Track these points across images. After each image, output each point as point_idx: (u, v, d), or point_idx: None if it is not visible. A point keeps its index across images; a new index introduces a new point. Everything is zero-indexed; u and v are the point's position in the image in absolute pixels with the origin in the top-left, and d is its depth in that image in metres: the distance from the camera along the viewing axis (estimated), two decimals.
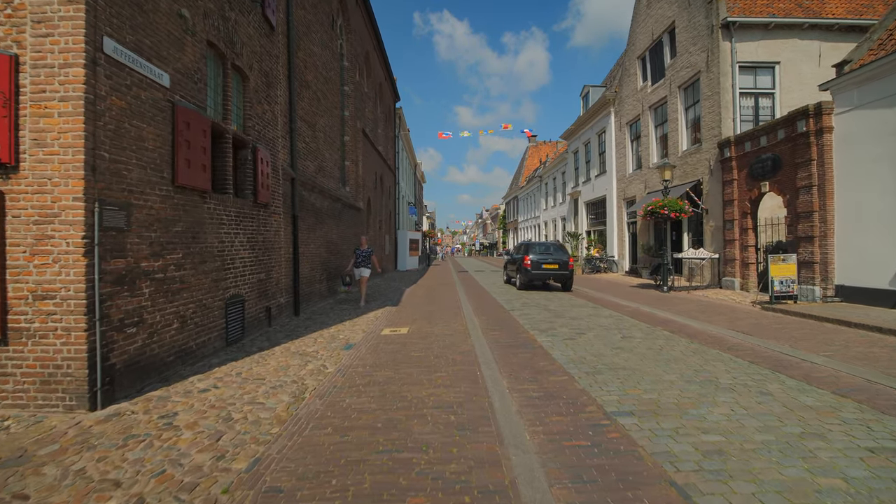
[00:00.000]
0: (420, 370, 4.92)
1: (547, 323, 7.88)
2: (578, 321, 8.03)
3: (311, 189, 9.68)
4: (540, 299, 11.37)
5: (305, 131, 9.55)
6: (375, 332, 7.13)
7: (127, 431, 3.29)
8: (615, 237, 20.84)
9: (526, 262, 13.41)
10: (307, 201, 9.44)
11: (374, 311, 9.31)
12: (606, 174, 21.67)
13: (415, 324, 7.83)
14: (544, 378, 4.65)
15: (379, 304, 10.50)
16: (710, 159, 13.26)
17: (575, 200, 26.92)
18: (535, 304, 10.35)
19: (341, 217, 12.36)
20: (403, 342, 6.35)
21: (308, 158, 9.70)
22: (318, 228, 10.23)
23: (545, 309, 9.63)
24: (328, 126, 11.46)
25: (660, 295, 11.96)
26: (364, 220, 15.67)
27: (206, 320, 5.39)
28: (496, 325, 7.69)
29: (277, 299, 7.68)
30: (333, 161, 12.03)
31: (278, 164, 7.78)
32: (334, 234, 11.57)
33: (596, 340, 6.43)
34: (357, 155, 14.51)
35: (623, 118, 19.75)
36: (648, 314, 8.82)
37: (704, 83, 13.55)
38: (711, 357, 5.48)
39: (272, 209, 7.46)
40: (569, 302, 10.81)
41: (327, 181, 11.33)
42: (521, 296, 12.24)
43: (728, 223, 12.27)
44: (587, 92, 24.52)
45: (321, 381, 4.58)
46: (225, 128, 5.94)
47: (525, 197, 45.35)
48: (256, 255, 6.83)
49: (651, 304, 10.31)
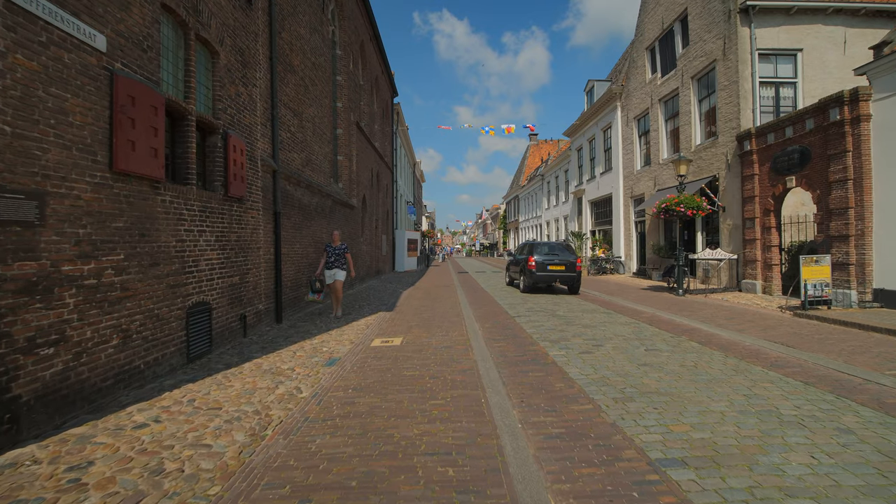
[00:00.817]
0: (412, 396, 4.07)
1: (557, 332, 7.03)
2: (592, 330, 7.19)
3: (297, 184, 8.83)
4: (546, 304, 10.52)
5: (290, 120, 8.71)
6: (365, 343, 6.29)
7: (11, 496, 2.44)
8: (622, 237, 19.99)
9: (530, 263, 12.57)
10: (292, 197, 8.60)
11: (365, 318, 8.47)
12: (612, 171, 20.82)
13: (410, 333, 6.98)
14: (564, 407, 3.80)
15: (372, 308, 9.66)
16: (728, 153, 12.42)
17: (579, 199, 26.08)
18: (542, 310, 9.51)
19: (333, 215, 11.52)
20: (395, 356, 5.50)
21: (294, 150, 8.86)
22: (306, 227, 9.39)
23: (553, 315, 8.79)
24: (317, 117, 10.62)
25: (675, 299, 11.11)
26: (359, 218, 14.83)
27: (159, 334, 4.54)
28: (501, 335, 6.85)
29: (255, 306, 6.84)
30: (324, 155, 11.19)
31: (256, 154, 6.94)
32: (324, 232, 10.73)
33: (617, 354, 5.59)
34: (351, 149, 13.67)
35: (630, 112, 18.91)
36: (669, 321, 7.97)
37: (721, 72, 12.71)
38: (757, 377, 4.63)
39: (248, 204, 6.61)
40: (578, 307, 9.96)
41: (316, 176, 10.49)
42: (526, 299, 11.39)
43: (748, 221, 11.42)
44: (591, 87, 23.68)
45: (290, 412, 3.73)
46: (186, 108, 5.10)
47: (526, 196, 44.51)
48: (228, 256, 5.98)
49: (668, 309, 9.47)
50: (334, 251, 8.33)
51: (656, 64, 16.85)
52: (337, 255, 8.32)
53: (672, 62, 15.70)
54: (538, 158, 48.94)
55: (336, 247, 8.38)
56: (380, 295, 12.41)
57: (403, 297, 12.09)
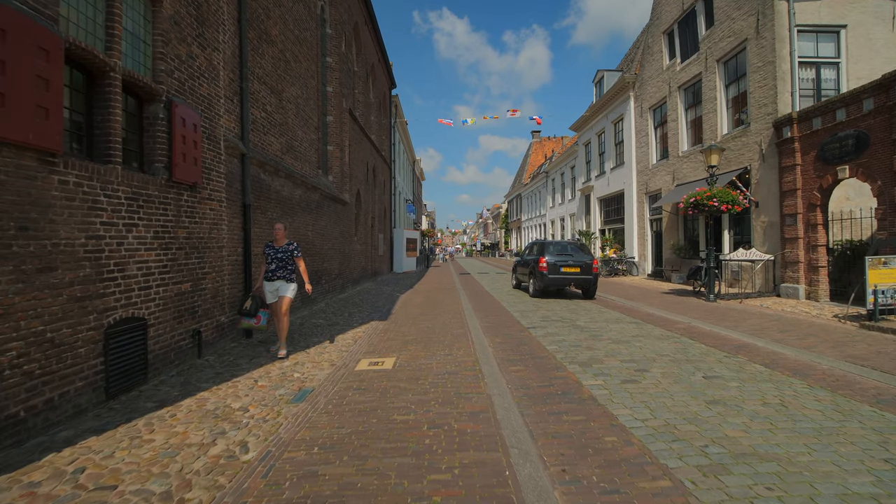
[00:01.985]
0: (403, 463, 2.81)
1: (585, 349, 5.78)
2: (626, 347, 5.93)
3: (275, 172, 7.58)
4: (562, 311, 9.26)
5: (267, 98, 7.45)
6: (348, 365, 5.04)
7: None
8: (635, 236, 18.72)
9: (541, 264, 11.31)
10: (268, 187, 7.34)
11: (353, 329, 7.21)
12: (624, 166, 19.56)
13: (405, 350, 5.73)
14: (628, 484, 2.55)
15: (363, 316, 8.40)
16: (762, 142, 11.15)
17: (586, 196, 24.81)
18: (559, 319, 8.25)
19: (320, 210, 10.26)
20: (384, 388, 4.25)
21: (271, 133, 7.60)
22: (286, 223, 8.13)
23: (574, 326, 7.53)
24: (302, 98, 9.36)
25: (707, 305, 9.85)
26: (352, 215, 13.57)
27: (55, 365, 3.29)
28: (516, 354, 5.59)
29: (215, 318, 5.58)
30: (309, 142, 9.94)
31: (219, 132, 5.69)
32: (310, 230, 9.47)
33: (670, 384, 4.33)
34: (343, 139, 12.41)
35: (645, 103, 17.64)
36: (712, 335, 6.72)
37: (753, 53, 11.44)
38: (876, 422, 3.38)
39: (206, 193, 5.36)
40: (600, 315, 8.70)
41: (300, 165, 9.23)
42: (538, 305, 10.13)
43: (788, 218, 10.16)
44: (601, 77, 22.40)
45: (217, 495, 2.47)
46: (106, 62, 3.84)
47: (529, 195, 43.23)
48: (174, 258, 4.73)
49: (704, 317, 8.21)
50: (276, 254, 5.44)
51: (675, 49, 15.58)
52: (280, 261, 5.43)
53: (693, 45, 14.43)
54: (541, 156, 47.70)
55: (280, 248, 5.46)
56: (374, 300, 11.16)
57: (400, 302, 10.83)
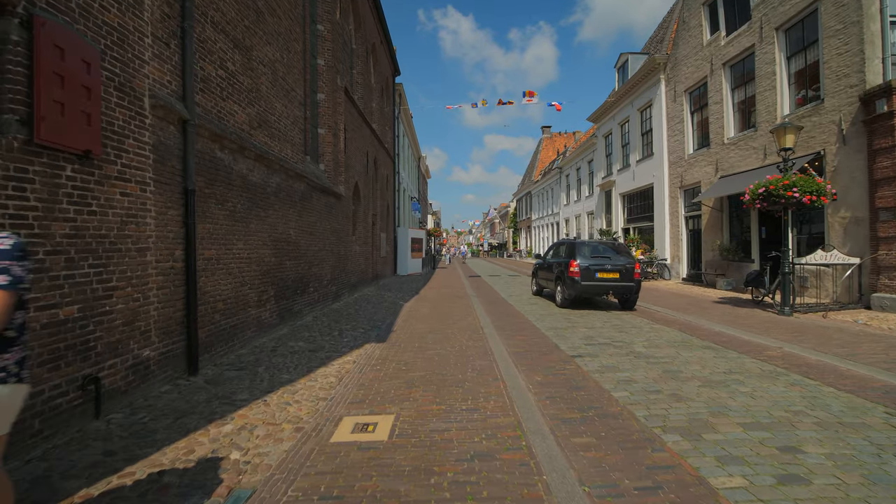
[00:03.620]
0: None
1: (672, 399, 3.94)
2: (729, 393, 4.08)
3: (239, 151, 5.80)
4: (606, 328, 7.42)
5: (228, 52, 5.68)
6: (322, 430, 3.25)
7: None
8: (667, 235, 16.80)
9: (572, 269, 9.46)
10: (228, 170, 5.57)
11: (341, 357, 5.42)
12: (653, 158, 17.63)
13: (409, 399, 3.93)
14: None
15: (357, 335, 6.61)
16: (842, 120, 9.23)
17: (607, 192, 22.87)
18: (608, 341, 6.41)
19: (307, 204, 8.49)
20: (373, 491, 2.44)
21: (233, 99, 5.83)
22: (257, 218, 6.36)
23: (632, 352, 5.70)
24: (282, 64, 7.59)
25: (785, 321, 7.97)
26: (348, 211, 11.78)
27: None
28: (575, 409, 3.76)
29: (130, 354, 3.80)
30: (292, 120, 8.16)
31: (140, 84, 3.92)
32: (293, 227, 7.70)
33: (859, 485, 2.49)
34: (337, 122, 10.64)
35: (679, 85, 15.71)
36: (830, 369, 4.86)
37: (828, 14, 9.51)
38: None
39: (112, 170, 3.59)
40: (656, 334, 6.85)
41: (279, 146, 7.46)
42: (572, 320, 8.29)
43: (883, 213, 8.24)
44: (625, 61, 20.45)
45: None
46: None
47: (540, 192, 41.28)
48: (44, 268, 2.96)
49: (795, 340, 6.34)
50: None
51: (718, 21, 13.64)
52: None
53: (743, 15, 12.50)
54: (552, 152, 45.76)
55: None
56: (373, 310, 9.36)
57: (404, 313, 9.04)
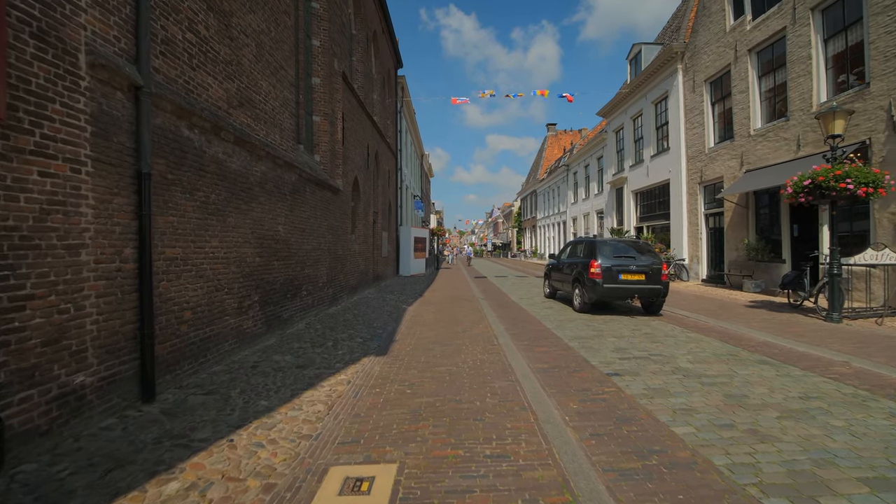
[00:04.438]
0: None
1: (750, 436, 3.05)
2: (821, 429, 3.19)
3: (214, 132, 4.93)
4: (636, 336, 6.52)
5: (200, 14, 4.81)
6: (298, 492, 2.36)
7: None
8: (684, 234, 15.88)
9: (593, 270, 8.57)
10: (200, 153, 4.70)
11: (334, 377, 4.54)
12: (669, 153, 16.72)
13: (416, 439, 3.05)
14: None
15: (354, 346, 5.72)
16: (892, 106, 8.31)
17: (618, 190, 21.96)
18: (644, 353, 5.51)
19: (299, 197, 7.63)
20: None
21: (206, 69, 4.96)
22: (237, 211, 5.50)
23: (678, 369, 4.80)
24: (269, 38, 6.73)
25: (836, 329, 7.07)
26: (347, 208, 10.91)
27: None
28: (634, 459, 2.87)
29: (53, 383, 2.94)
30: (281, 102, 7.29)
31: (74, 36, 3.05)
32: (281, 223, 6.84)
33: None
34: (334, 110, 9.77)
35: (699, 75, 14.80)
36: None
37: None
38: None
39: (26, 143, 2.73)
40: (696, 345, 5.95)
41: (265, 131, 6.60)
42: (596, 327, 7.40)
43: None
44: (637, 52, 19.54)
45: None
46: None
47: (546, 191, 40.36)
48: None
49: (859, 352, 5.44)
50: None
51: (743, 4, 12.72)
52: None
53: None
54: (558, 150, 44.83)
55: None
56: (373, 315, 8.48)
57: (407, 319, 8.16)
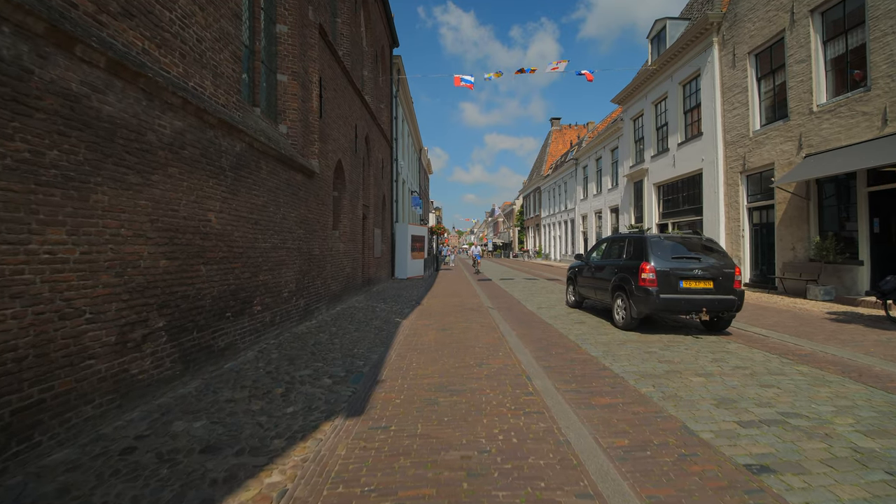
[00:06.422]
0: None
1: None
2: None
3: (54, 41, 2.88)
4: (726, 373, 4.49)
5: None
6: None
7: None
8: (721, 231, 13.87)
9: (645, 275, 6.54)
10: (19, 75, 2.65)
11: (257, 476, 2.50)
12: (702, 138, 14.71)
13: None
14: None
15: (320, 393, 3.69)
16: None
17: (636, 183, 19.95)
18: (764, 409, 3.47)
19: (246, 175, 5.59)
20: None
21: None
22: (118, 185, 3.45)
23: (846, 444, 2.76)
24: None
25: None
26: (327, 197, 8.84)
27: None
28: None
29: None
30: (216, 35, 5.17)
31: None
32: (214, 209, 4.79)
33: None
34: (308, 69, 7.73)
35: (741, 46, 12.79)
36: None
37: None
38: None
39: None
40: (828, 389, 3.92)
41: (181, 67, 4.55)
42: (657, 354, 5.37)
43: None
44: (661, 29, 17.52)
45: None
46: None
47: (551, 188, 38.34)
48: None
49: None
50: None
51: None
52: None
53: None
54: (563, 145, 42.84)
55: None
56: (356, 334, 6.42)
57: (400, 341, 6.11)
